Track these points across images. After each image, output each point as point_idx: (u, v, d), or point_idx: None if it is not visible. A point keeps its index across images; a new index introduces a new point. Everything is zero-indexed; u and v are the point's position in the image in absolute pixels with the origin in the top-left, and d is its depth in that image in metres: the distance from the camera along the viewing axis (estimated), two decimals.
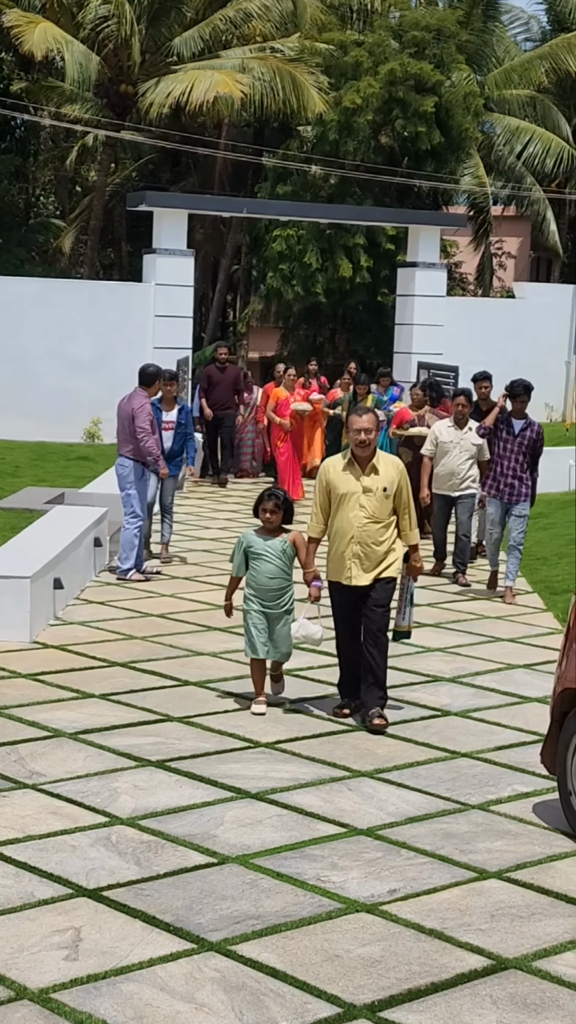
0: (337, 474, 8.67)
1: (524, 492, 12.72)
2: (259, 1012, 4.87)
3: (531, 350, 27.34)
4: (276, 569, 8.75)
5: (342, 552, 8.63)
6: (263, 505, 8.80)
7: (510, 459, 12.73)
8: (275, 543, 8.80)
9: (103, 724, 8.32)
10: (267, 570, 8.74)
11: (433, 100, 27.85)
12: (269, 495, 8.85)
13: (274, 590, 8.76)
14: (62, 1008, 4.83)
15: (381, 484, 8.59)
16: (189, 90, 27.20)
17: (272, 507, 8.77)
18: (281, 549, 8.79)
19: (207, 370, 21.17)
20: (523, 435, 12.77)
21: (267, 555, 8.75)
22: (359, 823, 6.82)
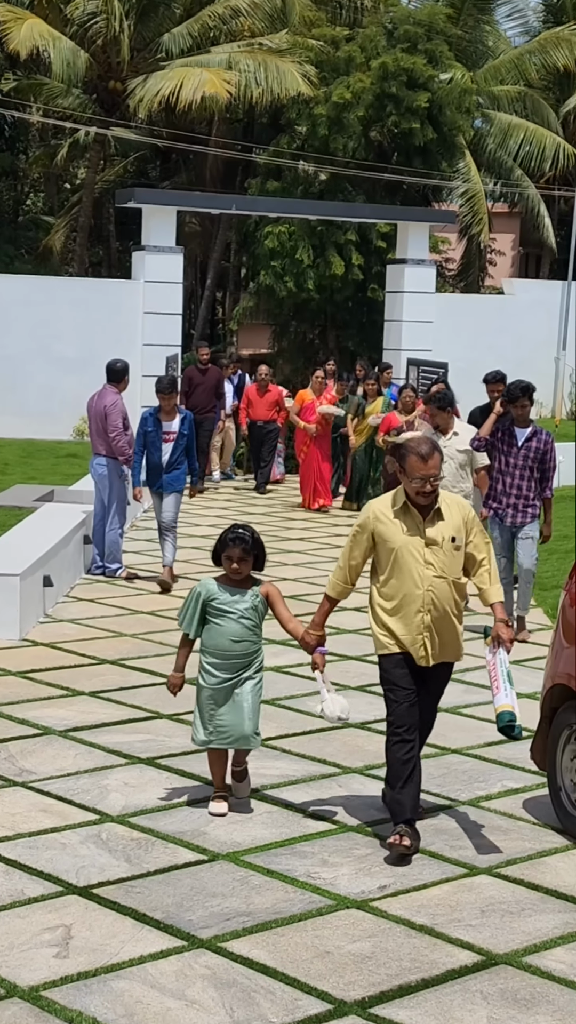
0: (389, 523, 6.62)
1: (532, 512, 11.10)
2: (249, 1009, 4.87)
3: (520, 346, 27.35)
4: (243, 630, 6.85)
5: (409, 624, 6.60)
6: (227, 551, 6.80)
7: (514, 475, 11.04)
8: (244, 598, 6.87)
9: (93, 722, 8.31)
10: (232, 631, 6.83)
11: (426, 96, 27.83)
12: (233, 538, 6.79)
13: (239, 655, 6.86)
14: (53, 1006, 4.83)
15: (448, 533, 6.59)
16: (178, 89, 27.18)
17: (239, 554, 6.77)
18: (251, 606, 6.86)
19: (187, 372, 20.65)
20: (528, 447, 11.01)
21: (232, 613, 6.85)
22: (349, 820, 6.82)
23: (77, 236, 32.85)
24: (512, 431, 11.10)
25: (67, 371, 23.92)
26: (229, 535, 6.82)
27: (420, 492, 6.52)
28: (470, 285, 35.44)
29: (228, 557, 6.81)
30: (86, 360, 23.83)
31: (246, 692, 6.87)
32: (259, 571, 6.88)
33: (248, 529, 6.87)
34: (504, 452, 11.11)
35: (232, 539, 6.80)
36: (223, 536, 6.85)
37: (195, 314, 36.28)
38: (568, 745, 6.79)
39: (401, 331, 25.93)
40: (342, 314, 29.32)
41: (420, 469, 6.49)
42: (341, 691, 9.16)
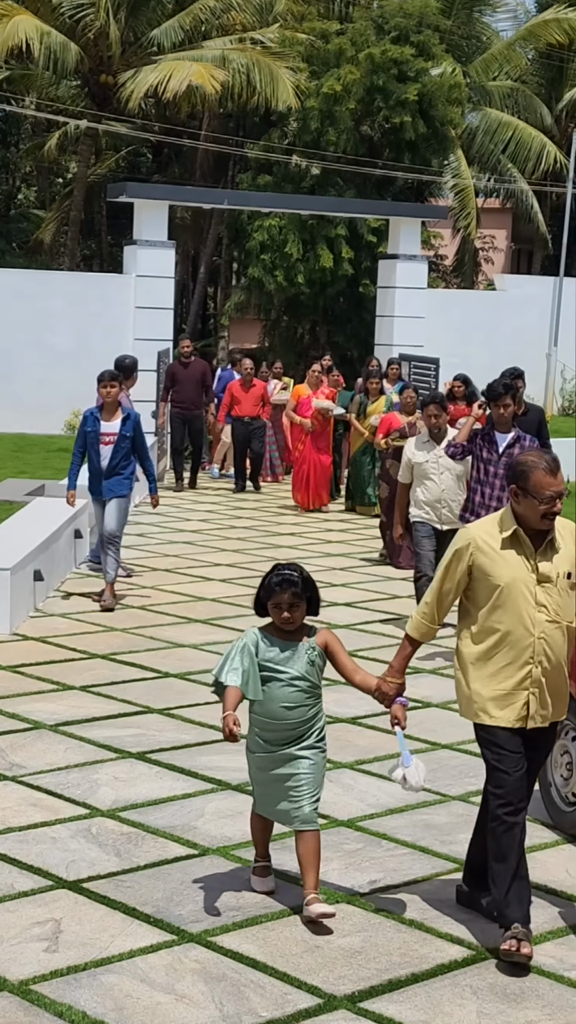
0: (493, 554, 5.46)
1: None
2: (239, 1003, 4.87)
3: (512, 342, 27.34)
4: (298, 694, 5.62)
5: (513, 679, 5.45)
6: (275, 598, 5.61)
7: (493, 486, 9.83)
8: (297, 655, 5.65)
9: (83, 716, 8.31)
10: (284, 696, 5.61)
11: (416, 88, 27.82)
12: (280, 581, 5.60)
13: (293, 723, 5.63)
14: (42, 1000, 4.82)
15: (563, 567, 5.49)
16: (166, 80, 27.17)
17: (290, 599, 5.57)
18: (307, 663, 5.65)
19: (170, 367, 19.83)
20: (510, 454, 9.74)
21: (285, 673, 5.63)
22: (339, 814, 6.82)
23: (68, 230, 32.79)
24: (492, 436, 9.92)
25: (58, 365, 23.89)
26: (274, 578, 5.60)
27: (548, 513, 5.38)
28: (466, 281, 35.45)
29: (277, 605, 5.59)
30: (78, 354, 23.82)
31: (303, 773, 5.59)
32: (313, 616, 5.73)
33: (295, 568, 5.68)
34: (483, 460, 9.95)
35: (279, 583, 5.58)
36: (266, 581, 5.65)
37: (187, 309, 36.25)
38: (559, 740, 6.79)
39: (393, 327, 25.92)
40: (333, 309, 29.32)
41: (550, 485, 5.33)
42: (329, 686, 9.19)
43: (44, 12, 28.45)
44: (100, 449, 11.46)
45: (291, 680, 5.63)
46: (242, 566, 13.55)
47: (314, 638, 5.71)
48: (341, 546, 15.13)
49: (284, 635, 5.68)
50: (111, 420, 11.53)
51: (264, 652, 5.66)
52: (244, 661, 5.62)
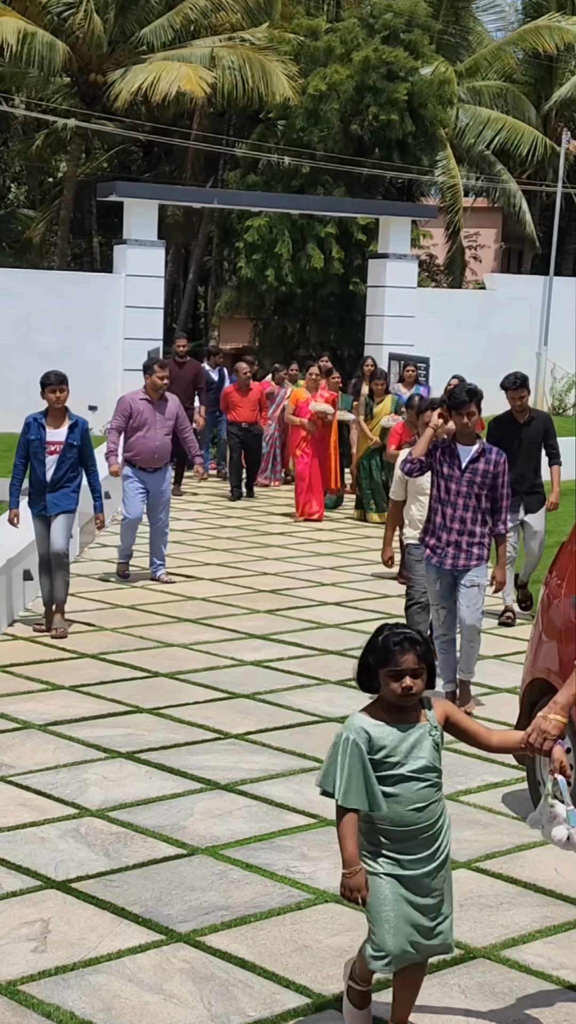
0: None
1: (478, 553, 8.72)
2: (228, 1003, 4.86)
3: (502, 341, 27.39)
4: (428, 790, 4.47)
5: None
6: (391, 665, 4.38)
7: (456, 506, 8.68)
8: (420, 738, 4.46)
9: (72, 716, 8.30)
10: (412, 795, 4.43)
11: (406, 87, 27.83)
12: (401, 640, 4.41)
13: (425, 826, 4.47)
14: (30, 1000, 4.81)
15: None
16: (156, 82, 27.14)
17: (414, 662, 4.38)
18: (432, 745, 4.48)
19: None
20: (473, 469, 8.66)
21: (408, 766, 4.43)
22: (329, 814, 6.81)
23: (58, 229, 32.77)
24: (453, 449, 8.69)
25: (48, 365, 23.38)
26: (393, 638, 4.40)
27: None
28: (456, 280, 35.48)
29: (395, 674, 4.37)
30: (67, 354, 23.74)
31: (442, 876, 4.56)
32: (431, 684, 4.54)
33: (416, 633, 4.50)
34: (443, 475, 8.75)
35: (400, 642, 4.38)
36: (380, 642, 4.43)
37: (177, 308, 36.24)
38: None
39: (383, 326, 25.96)
40: (323, 309, 29.32)
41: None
42: (322, 685, 9.20)
43: (32, 11, 28.42)
44: (45, 459, 10.40)
45: (418, 774, 4.42)
46: (232, 565, 13.55)
47: (432, 712, 4.51)
48: (331, 545, 15.14)
49: (398, 715, 4.44)
50: (58, 427, 10.45)
51: (378, 743, 4.39)
52: (356, 770, 4.35)
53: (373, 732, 4.41)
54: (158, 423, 12.71)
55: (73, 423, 10.49)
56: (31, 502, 10.59)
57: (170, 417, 12.82)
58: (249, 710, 8.60)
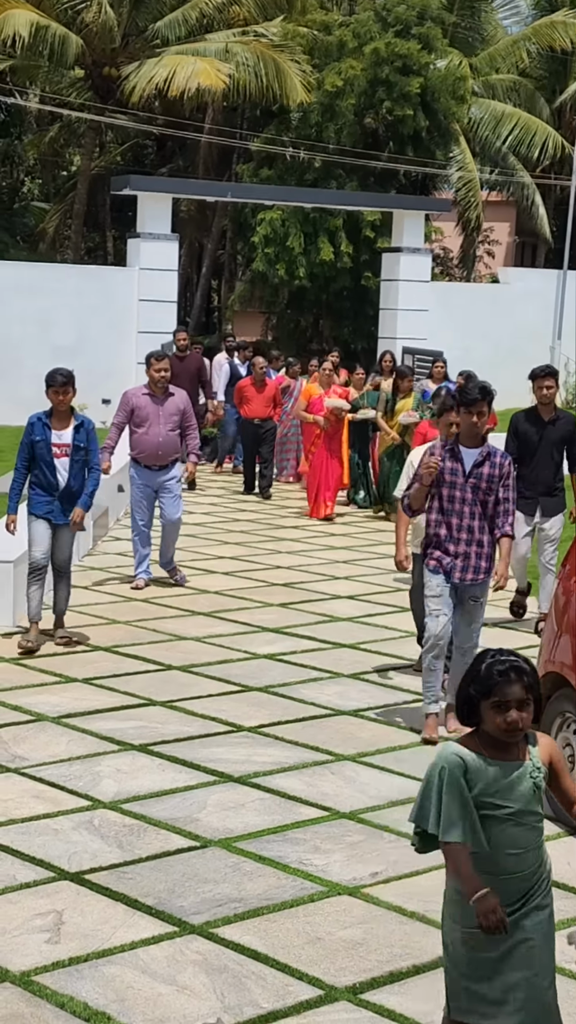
0: None
1: (486, 567, 8.05)
2: (241, 994, 4.88)
3: (515, 335, 27.37)
4: (527, 832, 4.00)
5: None
6: (496, 694, 3.92)
7: (462, 515, 7.97)
8: (520, 775, 3.99)
9: (86, 708, 8.31)
10: (511, 839, 3.97)
11: (419, 81, 27.78)
12: (509, 667, 3.93)
13: (524, 875, 4.01)
14: (44, 991, 4.83)
15: None
16: (171, 76, 27.13)
17: (520, 694, 3.91)
18: (533, 786, 4.00)
19: None
20: (478, 474, 7.94)
21: (507, 807, 3.96)
22: (342, 807, 6.83)
23: (72, 223, 32.80)
24: (456, 453, 7.95)
25: (61, 358, 23.59)
26: (497, 666, 3.94)
27: None
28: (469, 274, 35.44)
29: (500, 705, 3.92)
30: (81, 347, 23.84)
31: (540, 935, 4.04)
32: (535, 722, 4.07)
33: (515, 654, 4.01)
34: (446, 483, 7.96)
35: (505, 671, 3.92)
36: (483, 670, 3.96)
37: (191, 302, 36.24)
38: (560, 733, 6.80)
39: (396, 319, 25.94)
40: (337, 302, 29.32)
41: None
42: (335, 678, 9.21)
43: (45, 4, 28.43)
44: (53, 462, 9.81)
45: (518, 816, 3.96)
46: (245, 559, 13.55)
47: (536, 750, 4.03)
48: (344, 539, 15.13)
49: (500, 750, 3.98)
50: (64, 429, 9.88)
51: (473, 778, 3.94)
52: (456, 801, 3.93)
53: (470, 764, 3.95)
54: (161, 419, 11.98)
55: (79, 423, 9.92)
56: (34, 505, 9.91)
57: (174, 412, 12.10)
58: (262, 703, 8.61)
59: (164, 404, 12.09)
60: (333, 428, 16.59)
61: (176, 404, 12.16)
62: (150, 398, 12.09)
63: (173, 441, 12.13)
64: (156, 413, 12.03)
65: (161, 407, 12.06)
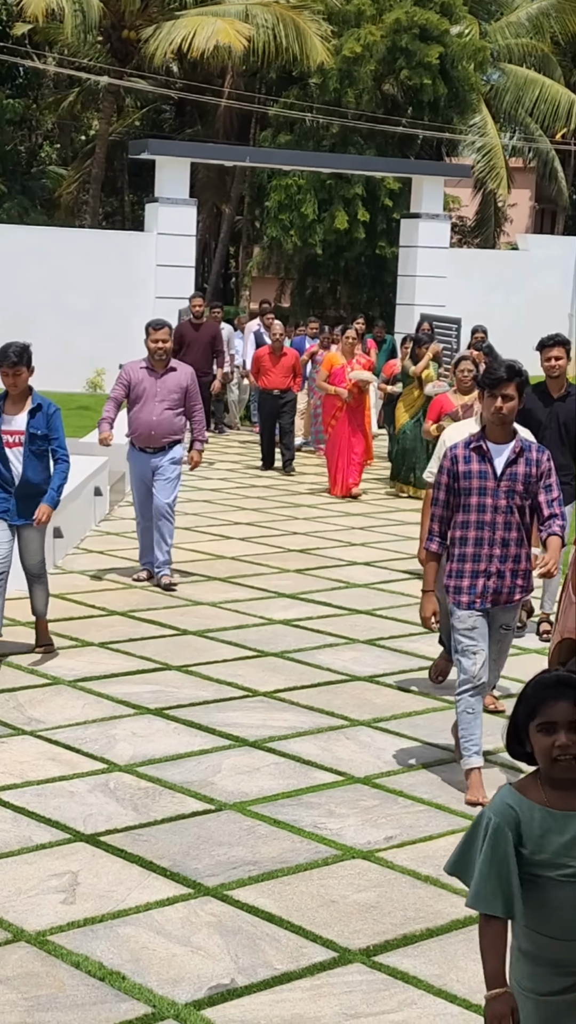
0: None
1: (523, 585, 6.65)
2: (255, 956, 4.90)
3: (534, 303, 27.24)
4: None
5: None
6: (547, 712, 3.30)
7: (495, 526, 6.51)
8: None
9: (102, 672, 8.34)
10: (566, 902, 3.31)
11: (438, 50, 27.58)
12: (557, 681, 3.32)
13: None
14: (59, 950, 4.87)
15: None
16: (191, 37, 26.97)
17: (572, 712, 3.28)
18: None
19: (179, 328, 17.04)
20: (512, 475, 6.50)
21: (570, 866, 3.30)
22: (356, 772, 6.85)
23: (90, 187, 32.70)
24: (483, 450, 6.50)
25: (79, 323, 23.87)
26: (544, 680, 3.35)
27: None
28: (485, 241, 35.25)
29: (546, 726, 3.30)
30: (98, 312, 23.82)
31: None
32: None
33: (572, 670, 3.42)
34: (472, 488, 6.51)
35: (552, 684, 3.32)
36: (530, 688, 3.36)
37: (208, 268, 36.14)
38: None
39: (415, 286, 25.82)
40: (355, 268, 29.20)
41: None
42: (351, 644, 9.22)
43: None
44: (5, 453, 8.41)
45: (573, 879, 3.31)
46: (261, 525, 13.56)
47: None
48: (361, 505, 15.12)
49: (562, 792, 3.33)
50: (16, 414, 8.49)
51: (530, 833, 3.31)
52: (494, 866, 3.30)
53: (523, 816, 3.31)
54: (158, 396, 10.68)
55: (35, 407, 8.49)
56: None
57: (175, 390, 10.73)
58: (278, 668, 8.62)
59: (163, 380, 10.78)
60: (356, 401, 15.67)
61: (178, 381, 10.78)
62: (148, 372, 10.80)
63: (170, 421, 10.75)
64: (153, 389, 10.72)
65: (159, 383, 10.77)
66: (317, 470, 17.45)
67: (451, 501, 6.53)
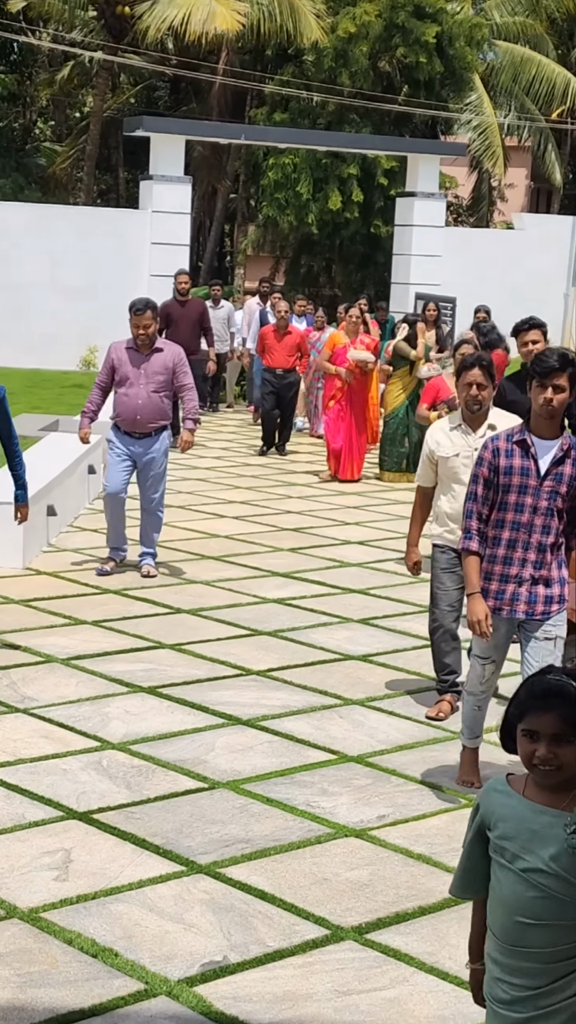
0: None
1: (560, 593, 6.07)
2: (247, 933, 4.91)
3: (529, 282, 27.19)
4: (541, 903, 3.15)
5: None
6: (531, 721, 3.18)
7: (532, 529, 5.96)
8: (552, 831, 3.15)
9: (95, 650, 8.34)
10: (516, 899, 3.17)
11: (435, 29, 27.48)
12: (545, 691, 3.18)
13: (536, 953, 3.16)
14: (52, 927, 4.87)
15: None
16: (186, 18, 26.86)
17: (555, 724, 3.15)
18: (568, 846, 3.11)
19: (165, 305, 16.51)
20: (558, 475, 5.90)
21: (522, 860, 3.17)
22: (349, 750, 6.85)
23: (84, 164, 32.58)
24: (527, 445, 5.91)
25: (73, 301, 23.82)
26: (536, 686, 3.21)
27: None
28: (481, 220, 35.18)
29: (530, 733, 3.19)
30: (92, 290, 23.76)
31: None
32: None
33: (572, 673, 3.23)
34: (513, 485, 5.95)
35: (542, 694, 3.18)
36: (522, 690, 3.25)
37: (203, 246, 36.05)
38: None
39: (410, 265, 25.77)
40: (350, 247, 29.14)
41: None
42: (344, 623, 9.22)
43: None
44: None
45: (527, 875, 3.15)
46: (255, 503, 13.55)
47: None
48: (355, 485, 15.10)
49: (542, 791, 3.21)
50: None
51: (502, 817, 3.24)
52: (467, 847, 3.36)
53: (495, 800, 3.26)
54: (143, 377, 10.23)
55: None
56: None
57: (160, 371, 10.27)
58: (271, 647, 8.63)
59: (148, 360, 10.31)
60: (358, 383, 15.15)
61: (163, 361, 10.30)
62: (132, 352, 10.35)
63: (157, 404, 10.30)
64: (138, 370, 10.28)
65: (145, 363, 10.30)
66: (312, 450, 17.44)
67: (490, 496, 5.97)
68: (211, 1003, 4.45)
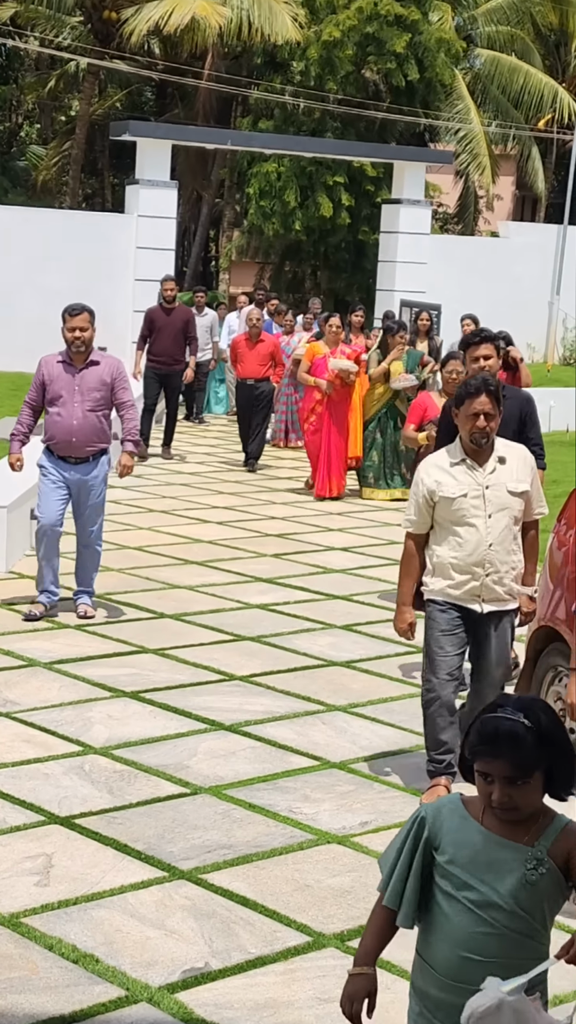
0: None
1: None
2: (229, 939, 4.90)
3: (514, 290, 27.23)
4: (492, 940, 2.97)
5: None
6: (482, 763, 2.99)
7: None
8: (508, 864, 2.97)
9: (78, 655, 8.31)
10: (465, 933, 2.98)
11: (405, 39, 27.54)
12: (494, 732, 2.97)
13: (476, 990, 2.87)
14: (32, 932, 4.85)
15: None
16: (168, 15, 27.01)
17: (504, 768, 2.96)
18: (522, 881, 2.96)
19: (150, 312, 16.38)
20: None
21: (474, 890, 2.97)
22: (332, 756, 6.84)
23: (70, 168, 32.57)
24: None
25: (58, 305, 23.33)
26: (486, 727, 2.99)
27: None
28: (467, 228, 35.23)
29: (483, 773, 3.02)
30: (77, 294, 23.40)
31: None
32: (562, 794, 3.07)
33: (528, 707, 2.99)
34: None
35: (490, 737, 2.97)
36: (476, 741, 3.01)
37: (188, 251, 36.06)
38: (551, 687, 6.80)
39: (395, 272, 25.79)
40: (335, 254, 29.17)
41: None
42: (327, 629, 9.21)
43: None
44: None
45: (477, 907, 2.98)
46: (239, 509, 13.54)
47: (550, 841, 3.00)
48: None
49: (499, 822, 3.02)
50: None
51: (444, 840, 3.05)
52: (407, 854, 3.08)
53: (446, 822, 3.04)
54: (78, 395, 9.06)
55: None
56: None
57: (97, 387, 9.11)
58: (254, 652, 8.61)
59: (83, 375, 9.14)
60: (338, 394, 14.43)
61: (99, 376, 9.15)
62: (64, 367, 9.18)
63: (93, 425, 9.11)
64: (71, 387, 9.11)
65: (78, 379, 9.14)
66: (291, 463, 17.41)
67: None
68: (192, 1010, 4.44)
